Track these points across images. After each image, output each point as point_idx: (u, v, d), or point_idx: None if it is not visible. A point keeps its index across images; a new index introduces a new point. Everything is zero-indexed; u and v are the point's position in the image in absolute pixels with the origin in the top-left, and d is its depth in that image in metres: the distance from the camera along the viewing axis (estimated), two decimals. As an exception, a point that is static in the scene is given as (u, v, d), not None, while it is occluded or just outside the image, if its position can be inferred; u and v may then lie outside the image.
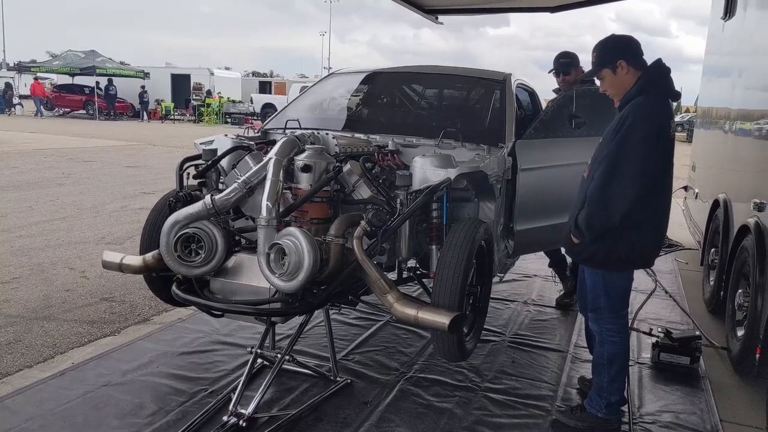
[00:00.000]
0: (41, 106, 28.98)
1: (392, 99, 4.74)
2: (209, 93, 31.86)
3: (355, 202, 3.07)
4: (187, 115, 31.84)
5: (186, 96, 32.66)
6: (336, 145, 3.26)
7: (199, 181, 3.30)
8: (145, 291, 4.63)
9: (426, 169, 3.06)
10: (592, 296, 2.91)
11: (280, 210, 2.81)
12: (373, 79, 4.78)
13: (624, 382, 3.03)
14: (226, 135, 3.53)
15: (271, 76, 54.00)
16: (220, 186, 3.31)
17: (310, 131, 3.42)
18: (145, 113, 30.86)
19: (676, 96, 2.78)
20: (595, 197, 2.64)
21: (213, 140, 3.51)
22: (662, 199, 2.75)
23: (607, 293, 2.85)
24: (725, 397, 3.46)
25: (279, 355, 3.10)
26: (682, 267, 6.27)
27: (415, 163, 3.11)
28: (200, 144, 3.55)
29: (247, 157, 3.22)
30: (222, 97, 31.24)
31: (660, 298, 5.16)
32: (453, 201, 3.28)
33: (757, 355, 3.30)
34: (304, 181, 2.95)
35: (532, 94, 5.04)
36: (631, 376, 3.54)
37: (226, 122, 29.84)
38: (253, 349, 3.13)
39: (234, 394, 2.94)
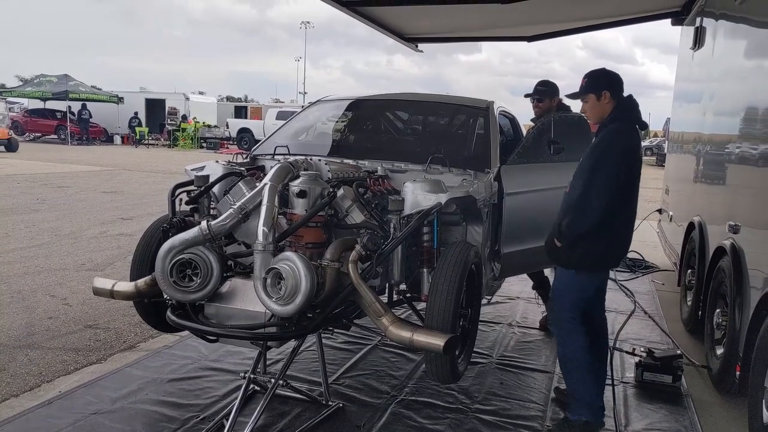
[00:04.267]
0: None
1: (379, 126, 4.83)
2: (185, 118, 31.72)
3: (348, 227, 3.11)
4: (162, 139, 31.61)
5: (161, 121, 32.48)
6: (329, 170, 3.31)
7: (191, 206, 3.32)
8: (130, 317, 4.61)
9: (417, 193, 3.13)
10: (555, 298, 3.31)
11: (276, 235, 2.84)
12: (359, 106, 4.87)
13: (597, 387, 3.23)
14: (217, 161, 3.57)
15: (246, 101, 53.93)
16: (212, 212, 3.34)
17: (303, 157, 3.47)
18: (118, 137, 30.58)
19: (644, 125, 3.26)
20: (576, 204, 3.03)
21: (204, 166, 3.55)
22: (630, 208, 3.19)
23: (568, 291, 3.19)
24: (708, 414, 3.55)
25: (272, 380, 3.10)
26: (659, 288, 6.42)
27: (406, 188, 3.18)
28: (191, 170, 3.57)
29: (240, 183, 3.26)
30: (198, 122, 31.13)
31: (639, 319, 5.29)
32: (442, 225, 3.35)
33: (737, 373, 3.41)
34: (299, 207, 2.99)
35: (513, 121, 5.17)
36: (617, 396, 3.62)
37: (202, 147, 29.70)
38: (246, 375, 3.12)
39: (227, 420, 2.93)
